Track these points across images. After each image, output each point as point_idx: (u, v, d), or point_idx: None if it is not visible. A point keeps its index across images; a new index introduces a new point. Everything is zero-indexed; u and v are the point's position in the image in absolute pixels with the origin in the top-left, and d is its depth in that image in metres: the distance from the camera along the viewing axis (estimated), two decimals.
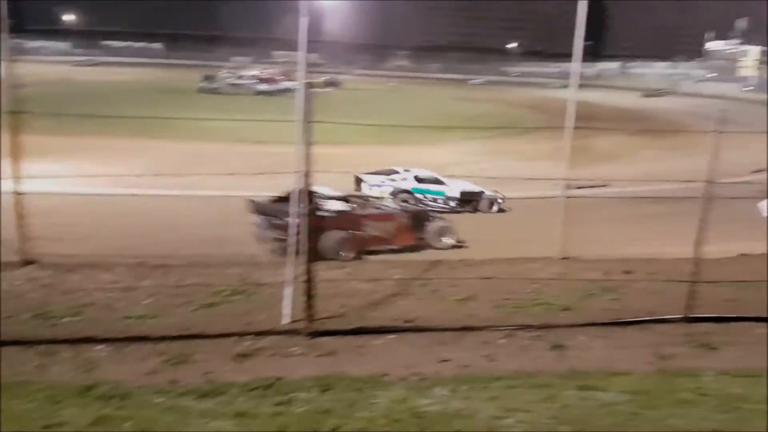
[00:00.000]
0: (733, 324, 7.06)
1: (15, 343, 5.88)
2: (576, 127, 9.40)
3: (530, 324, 6.82)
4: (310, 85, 6.54)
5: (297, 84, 6.73)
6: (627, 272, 8.80)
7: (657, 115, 28.76)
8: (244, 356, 5.86)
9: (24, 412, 4.55)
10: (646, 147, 24.56)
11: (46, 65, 47.60)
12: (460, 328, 6.65)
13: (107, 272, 7.88)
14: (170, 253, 8.46)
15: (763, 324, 7.07)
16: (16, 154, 7.73)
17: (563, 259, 9.33)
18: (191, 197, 8.18)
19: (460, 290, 7.80)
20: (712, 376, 5.70)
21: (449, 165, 8.56)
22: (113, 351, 5.87)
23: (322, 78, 48.30)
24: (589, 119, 11.98)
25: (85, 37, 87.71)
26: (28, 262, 7.96)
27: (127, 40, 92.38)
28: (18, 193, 7.85)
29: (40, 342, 5.91)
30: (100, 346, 5.92)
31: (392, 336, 6.42)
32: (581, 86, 9.41)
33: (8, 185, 7.83)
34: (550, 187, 9.27)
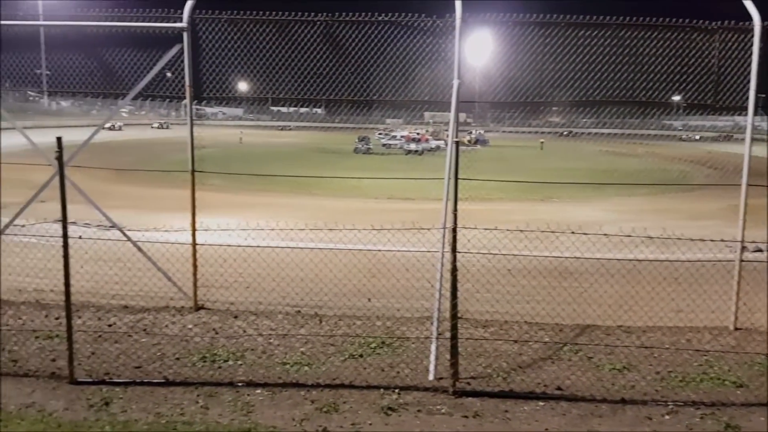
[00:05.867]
0: None
1: (181, 383, 6.40)
2: (751, 185, 8.56)
3: (699, 400, 6.18)
4: (458, 144, 6.64)
5: (445, 143, 6.85)
6: None
7: None
8: (390, 410, 5.89)
9: None
10: None
11: (221, 129, 52.79)
12: (617, 401, 6.19)
13: (268, 319, 8.38)
14: (324, 303, 8.82)
15: None
16: (194, 208, 8.59)
17: (737, 329, 8.40)
18: (344, 250, 8.68)
19: (617, 358, 7.29)
20: None
21: (602, 224, 8.11)
22: (270, 396, 6.17)
23: (470, 136, 48.74)
24: (764, 176, 10.88)
25: (256, 103, 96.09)
26: (198, 308, 8.71)
27: (293, 106, 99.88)
28: (194, 244, 8.67)
29: (203, 384, 6.38)
30: (258, 390, 6.27)
31: (542, 403, 6.13)
32: (756, 140, 8.60)
33: (186, 237, 8.69)
34: (720, 249, 8.49)
